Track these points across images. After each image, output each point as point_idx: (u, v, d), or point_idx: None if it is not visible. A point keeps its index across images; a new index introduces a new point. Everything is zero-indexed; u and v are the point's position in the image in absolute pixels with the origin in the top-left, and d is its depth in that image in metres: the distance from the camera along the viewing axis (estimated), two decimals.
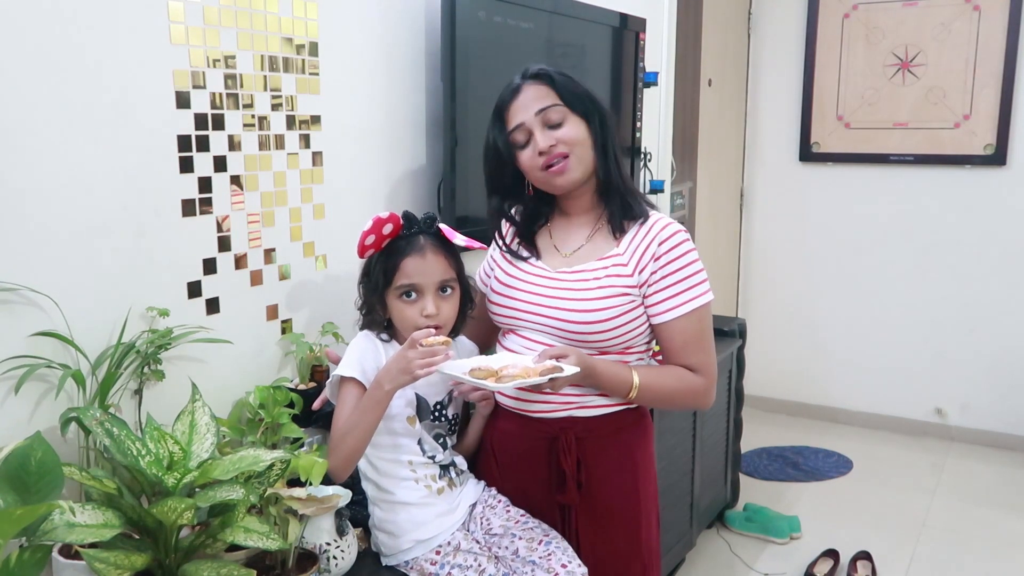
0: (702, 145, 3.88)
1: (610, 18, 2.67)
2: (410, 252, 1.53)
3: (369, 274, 1.57)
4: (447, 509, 1.55)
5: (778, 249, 4.33)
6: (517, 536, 1.52)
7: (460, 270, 1.59)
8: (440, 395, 1.59)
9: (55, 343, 1.39)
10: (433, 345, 1.40)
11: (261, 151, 1.73)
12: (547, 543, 1.50)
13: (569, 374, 1.41)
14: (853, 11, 3.95)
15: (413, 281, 1.52)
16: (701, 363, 1.57)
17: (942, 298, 3.97)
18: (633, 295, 1.53)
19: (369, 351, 1.55)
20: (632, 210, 1.56)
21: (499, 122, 1.56)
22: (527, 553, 1.49)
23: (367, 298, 1.58)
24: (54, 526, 1.12)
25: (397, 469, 1.54)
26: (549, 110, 1.52)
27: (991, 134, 3.75)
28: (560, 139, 1.52)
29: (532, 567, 1.46)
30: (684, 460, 2.72)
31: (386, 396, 1.44)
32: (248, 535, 1.23)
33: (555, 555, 1.48)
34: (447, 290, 1.55)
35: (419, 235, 1.55)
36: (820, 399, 4.31)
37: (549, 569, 1.45)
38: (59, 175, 1.39)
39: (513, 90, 1.55)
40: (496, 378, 1.40)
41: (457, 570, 1.48)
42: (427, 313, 1.52)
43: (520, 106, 1.54)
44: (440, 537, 1.52)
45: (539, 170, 1.54)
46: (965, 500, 3.42)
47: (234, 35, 1.65)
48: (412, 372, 1.40)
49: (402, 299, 1.53)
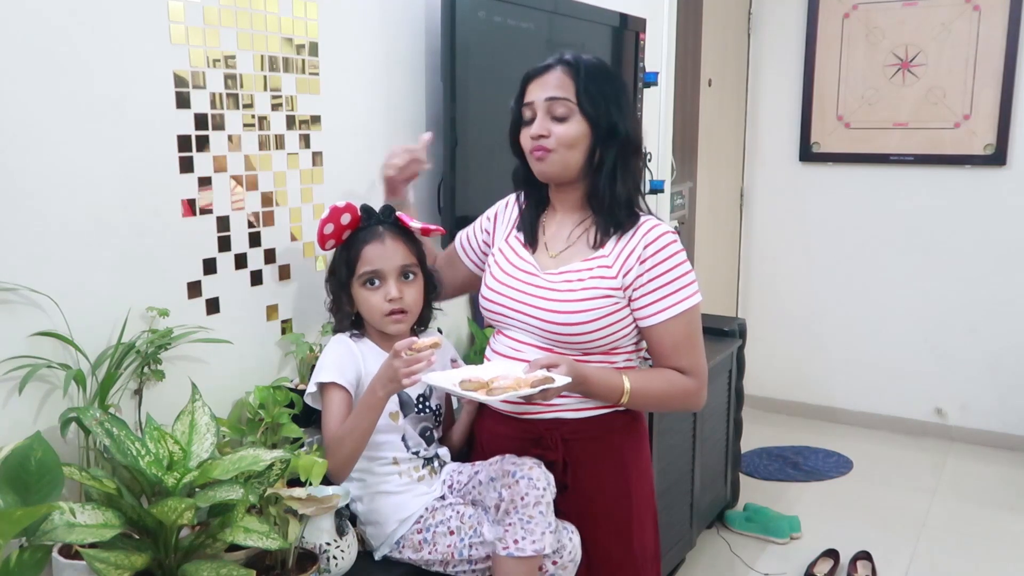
0: (702, 145, 3.88)
1: (610, 18, 2.67)
2: (370, 240, 1.58)
3: (334, 270, 1.62)
4: (425, 491, 1.58)
5: (778, 249, 4.33)
6: (477, 472, 1.57)
7: (421, 256, 1.64)
8: (422, 387, 1.61)
9: (55, 343, 1.39)
10: (421, 349, 1.41)
11: (261, 151, 1.73)
12: (500, 459, 1.53)
13: (560, 384, 1.41)
14: (853, 11, 3.95)
15: (375, 267, 1.57)
16: (691, 365, 1.57)
17: (942, 298, 3.97)
18: (617, 297, 1.52)
19: (344, 353, 1.58)
20: (619, 223, 1.55)
21: (520, 91, 1.59)
22: (486, 478, 1.52)
23: (335, 294, 1.63)
24: (54, 526, 1.12)
25: (380, 466, 1.57)
26: (557, 102, 1.52)
27: (991, 134, 3.75)
28: (554, 133, 1.52)
29: (492, 483, 1.49)
30: (684, 460, 2.72)
31: (380, 402, 1.46)
32: (248, 535, 1.23)
33: (507, 459, 1.50)
34: (409, 276, 1.60)
35: (378, 225, 1.60)
36: (820, 399, 4.31)
37: (503, 472, 1.47)
38: (59, 175, 1.39)
39: (541, 68, 1.56)
40: (487, 390, 1.40)
41: (441, 525, 1.52)
42: (390, 297, 1.56)
43: (538, 86, 1.55)
44: (418, 512, 1.55)
45: (528, 150, 1.57)
46: (965, 500, 3.42)
47: (234, 35, 1.65)
48: (399, 380, 1.42)
49: (366, 287, 1.58)
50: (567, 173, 1.56)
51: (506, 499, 1.44)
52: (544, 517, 1.44)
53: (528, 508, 1.43)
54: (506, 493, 1.44)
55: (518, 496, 1.43)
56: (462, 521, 1.51)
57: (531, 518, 1.43)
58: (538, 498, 1.44)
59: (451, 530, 1.51)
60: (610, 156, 1.54)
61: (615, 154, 1.54)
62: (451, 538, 1.50)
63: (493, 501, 1.47)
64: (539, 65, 1.57)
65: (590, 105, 1.52)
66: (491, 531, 1.46)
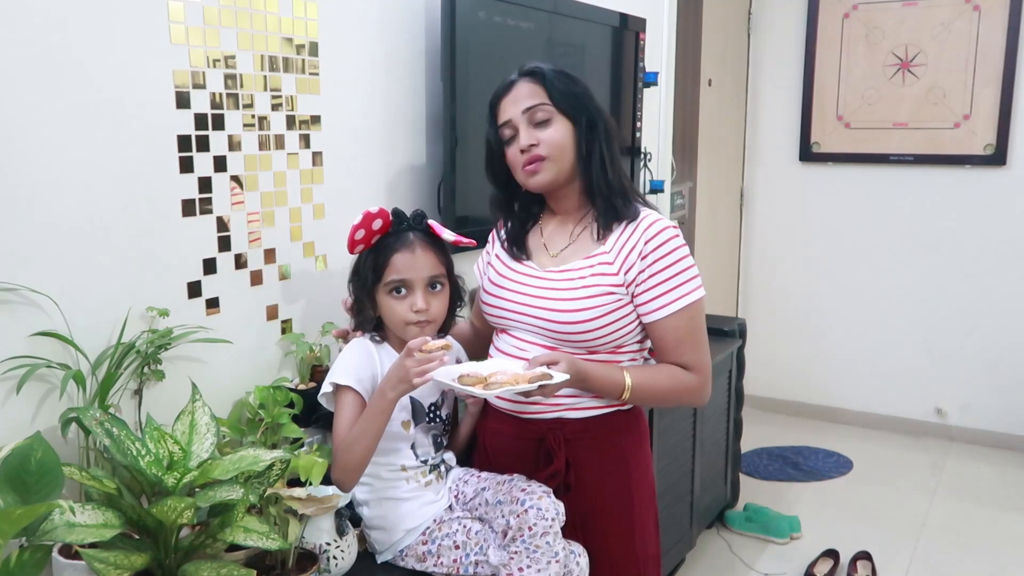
0: (702, 145, 3.88)
1: (610, 18, 2.67)
2: (399, 248, 1.53)
3: (359, 272, 1.58)
4: (433, 499, 1.58)
5: (778, 249, 4.33)
6: (485, 489, 1.55)
7: (450, 266, 1.60)
8: (434, 396, 1.60)
9: (55, 343, 1.39)
10: (432, 351, 1.40)
11: (261, 151, 1.73)
12: (509, 480, 1.52)
13: (558, 381, 1.40)
14: (853, 11, 3.95)
15: (403, 276, 1.52)
16: (695, 360, 1.56)
17: (942, 298, 3.97)
18: (619, 294, 1.52)
19: (363, 357, 1.55)
20: (619, 212, 1.55)
21: (492, 116, 1.58)
22: (493, 498, 1.50)
23: (357, 296, 1.58)
24: (54, 526, 1.12)
25: (388, 472, 1.56)
26: (536, 109, 1.53)
27: (991, 134, 3.75)
28: (542, 140, 1.52)
29: (499, 506, 1.48)
30: (684, 460, 2.72)
31: (389, 404, 1.44)
32: (248, 535, 1.23)
33: (516, 485, 1.49)
34: (437, 286, 1.56)
35: (408, 231, 1.55)
36: (820, 399, 4.31)
37: (512, 499, 1.46)
38: (59, 175, 1.39)
39: (506, 86, 1.56)
40: (484, 385, 1.40)
41: (446, 539, 1.51)
42: (417, 308, 1.52)
43: (510, 102, 1.55)
44: (426, 523, 1.54)
45: (520, 168, 1.56)
46: (965, 500, 3.42)
47: (234, 35, 1.65)
48: (410, 380, 1.40)
49: (392, 295, 1.53)
50: (562, 176, 1.56)
51: (514, 527, 1.43)
52: (551, 547, 1.43)
53: (535, 538, 1.42)
54: (514, 521, 1.43)
55: (526, 525, 1.42)
56: (468, 536, 1.50)
57: (537, 547, 1.42)
58: (546, 528, 1.43)
59: (456, 544, 1.50)
60: (596, 148, 1.56)
61: (600, 146, 1.56)
62: (456, 552, 1.50)
63: (500, 526, 1.46)
64: (500, 87, 1.57)
65: (566, 104, 1.54)
66: (496, 556, 1.45)
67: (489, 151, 1.61)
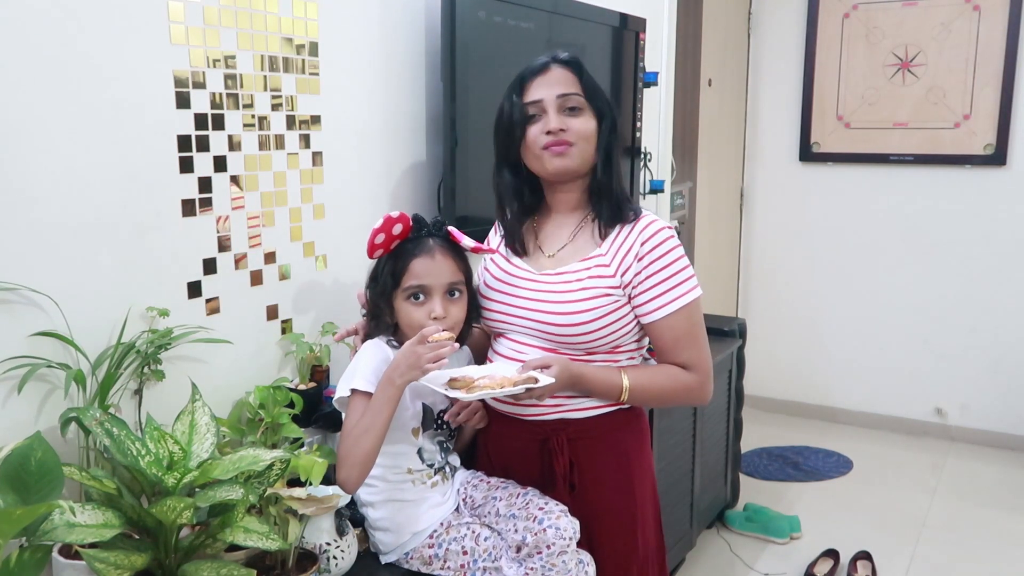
0: (702, 145, 3.88)
1: (610, 18, 2.67)
2: (419, 253, 1.52)
3: (377, 277, 1.56)
4: (440, 501, 1.57)
5: (778, 249, 4.33)
6: (497, 499, 1.54)
7: (468, 274, 1.59)
8: (444, 403, 1.60)
9: (55, 343, 1.39)
10: (442, 340, 1.40)
11: (261, 151, 1.73)
12: (523, 495, 1.52)
13: (543, 384, 1.40)
14: (853, 11, 3.95)
15: (422, 282, 1.51)
16: (694, 359, 1.57)
17: (942, 298, 3.97)
18: (616, 295, 1.52)
19: (380, 361, 1.51)
20: (622, 214, 1.56)
21: (518, 92, 1.56)
22: (507, 509, 1.51)
23: (374, 301, 1.57)
24: (54, 526, 1.12)
25: (394, 474, 1.56)
26: (571, 97, 1.53)
27: (991, 134, 3.75)
28: (572, 127, 1.53)
29: (513, 520, 1.48)
30: (684, 460, 2.72)
31: (397, 391, 1.42)
32: (248, 535, 1.23)
33: (533, 502, 1.49)
34: (455, 293, 1.55)
35: (428, 237, 1.54)
36: (820, 399, 4.31)
37: (528, 516, 1.47)
38: (59, 175, 1.39)
39: (541, 66, 1.56)
40: (467, 388, 1.40)
41: (454, 543, 1.51)
42: (435, 315, 1.51)
43: (544, 83, 1.54)
44: (433, 526, 1.54)
45: (540, 147, 1.54)
46: (965, 500, 3.42)
47: (234, 35, 1.65)
48: (422, 367, 1.38)
49: (410, 301, 1.52)
50: (584, 167, 1.56)
51: (531, 544, 1.44)
52: (566, 565, 1.45)
53: (552, 556, 1.43)
54: (531, 539, 1.44)
55: (544, 544, 1.43)
56: (477, 543, 1.50)
57: (553, 566, 1.43)
58: (563, 548, 1.44)
59: (464, 550, 1.50)
60: (613, 150, 1.58)
61: (614, 149, 1.58)
62: (464, 558, 1.50)
63: (515, 541, 1.46)
64: (534, 65, 1.56)
65: (596, 100, 1.55)
66: (511, 569, 1.45)
67: (508, 123, 1.57)
